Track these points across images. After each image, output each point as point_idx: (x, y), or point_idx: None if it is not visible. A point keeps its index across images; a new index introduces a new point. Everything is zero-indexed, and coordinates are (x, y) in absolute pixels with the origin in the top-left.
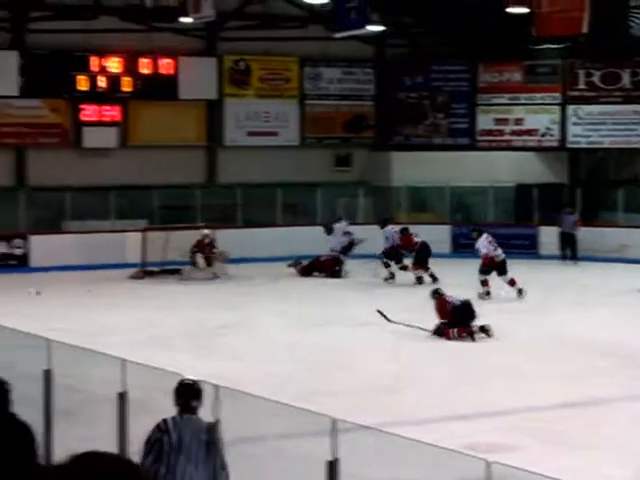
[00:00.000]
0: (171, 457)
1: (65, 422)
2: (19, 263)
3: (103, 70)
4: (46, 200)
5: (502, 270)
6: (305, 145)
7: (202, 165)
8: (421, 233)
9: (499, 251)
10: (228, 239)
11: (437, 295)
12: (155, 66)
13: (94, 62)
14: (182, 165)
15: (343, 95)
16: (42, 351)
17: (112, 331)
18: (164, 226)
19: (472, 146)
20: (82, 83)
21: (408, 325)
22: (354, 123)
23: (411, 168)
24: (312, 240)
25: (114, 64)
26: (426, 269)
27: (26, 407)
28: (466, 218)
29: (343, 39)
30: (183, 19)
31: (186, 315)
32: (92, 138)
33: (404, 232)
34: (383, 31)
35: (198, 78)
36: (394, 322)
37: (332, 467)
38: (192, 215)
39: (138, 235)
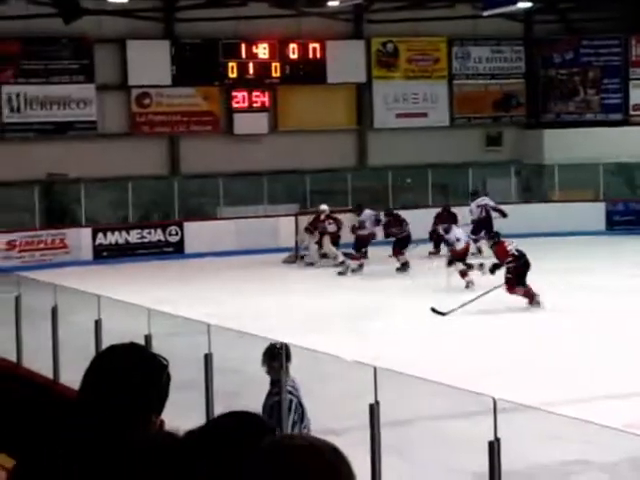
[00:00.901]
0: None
1: (226, 404)
2: (175, 250)
3: (253, 56)
4: (200, 187)
5: None
6: (455, 125)
7: (352, 148)
8: (574, 211)
9: None
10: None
11: (497, 240)
12: (304, 51)
13: (244, 49)
14: (332, 149)
15: (492, 74)
16: (202, 336)
17: (267, 315)
18: (316, 210)
19: (625, 121)
20: (232, 70)
21: (470, 301)
22: (504, 102)
23: (563, 145)
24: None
25: (263, 50)
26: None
27: (188, 391)
28: (621, 194)
29: (491, 17)
30: (331, 3)
31: (339, 298)
32: (244, 124)
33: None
34: (532, 7)
35: (346, 61)
36: (451, 310)
37: (493, 447)
38: (343, 199)
39: (291, 220)
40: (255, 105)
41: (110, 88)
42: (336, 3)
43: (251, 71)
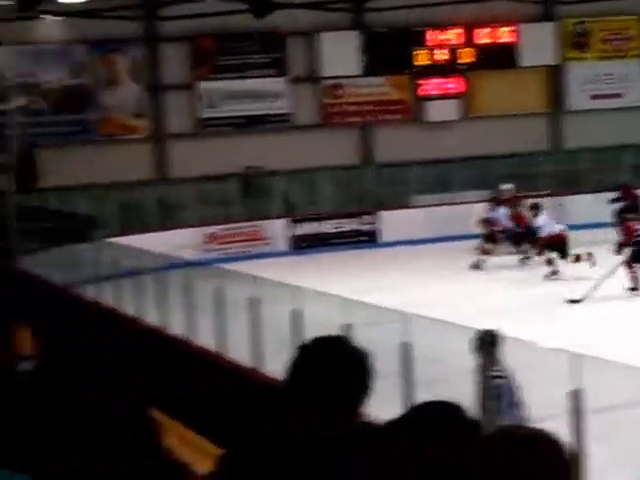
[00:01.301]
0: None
1: (427, 393)
2: (369, 239)
3: (442, 43)
4: (392, 176)
5: None
6: None
7: (544, 132)
8: None
9: None
10: (575, 205)
11: (625, 219)
12: (494, 35)
13: (432, 36)
14: (524, 133)
15: None
16: (397, 325)
17: (460, 303)
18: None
19: None
20: (422, 58)
21: (599, 282)
22: None
23: None
24: None
25: (452, 36)
26: None
27: (386, 380)
28: None
29: None
30: None
31: (528, 286)
32: (434, 112)
33: None
34: None
35: (538, 44)
36: (586, 296)
37: None
38: (536, 183)
39: (483, 206)
40: (446, 92)
41: (302, 80)
42: None
43: (441, 58)
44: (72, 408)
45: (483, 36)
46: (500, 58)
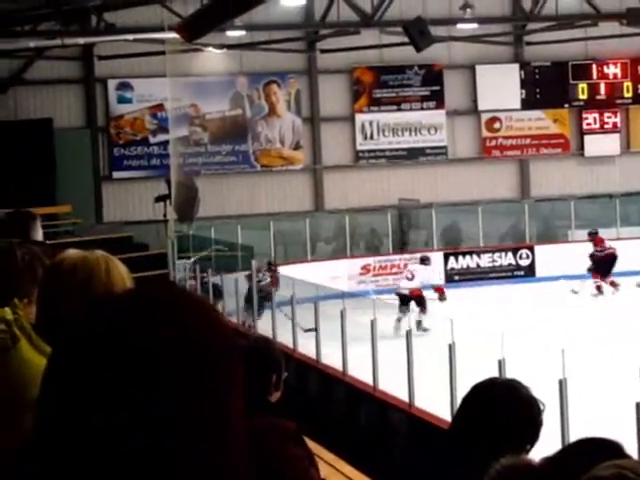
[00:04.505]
0: None
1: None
2: (525, 273)
3: (603, 77)
4: (550, 210)
5: None
6: None
7: None
8: None
9: None
10: None
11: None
12: None
13: (594, 70)
14: None
15: None
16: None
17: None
18: None
19: None
20: (583, 91)
21: None
22: None
23: None
24: None
25: (614, 70)
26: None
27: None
28: None
29: None
30: None
31: None
32: (594, 146)
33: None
34: None
35: None
36: None
37: None
38: None
39: None
40: (606, 126)
41: (460, 113)
42: None
43: (602, 92)
44: None
45: None
46: None
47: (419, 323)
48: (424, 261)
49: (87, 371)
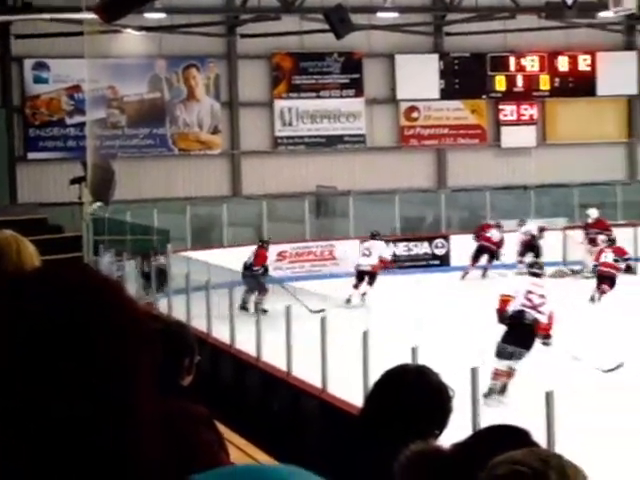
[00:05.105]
0: None
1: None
2: (440, 263)
3: (521, 69)
4: (466, 200)
5: None
6: None
7: (622, 161)
8: None
9: None
10: None
11: None
12: (573, 63)
13: (512, 62)
14: (601, 162)
15: None
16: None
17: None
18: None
19: None
20: (500, 83)
21: None
22: None
23: None
24: None
25: (532, 63)
26: None
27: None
28: None
29: None
30: (602, 14)
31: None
32: (511, 138)
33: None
34: None
35: (617, 73)
36: None
37: None
38: (612, 212)
39: (559, 234)
40: (523, 118)
41: (379, 102)
42: (609, 14)
43: (519, 84)
44: None
45: (563, 64)
46: (579, 86)
47: (364, 295)
48: (375, 236)
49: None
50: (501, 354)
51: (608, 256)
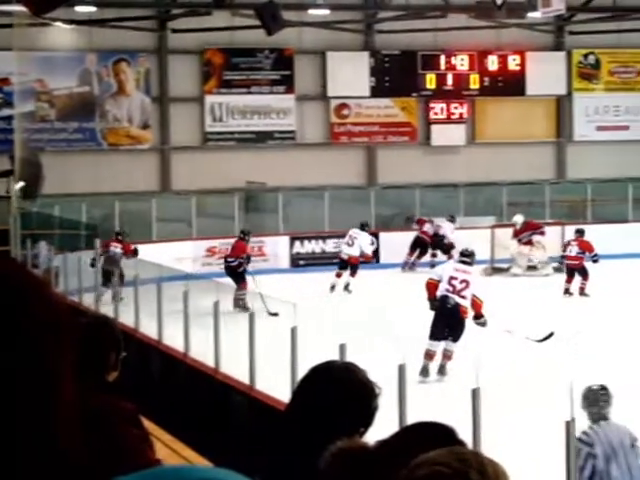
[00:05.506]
0: (602, 468)
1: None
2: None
3: (451, 68)
4: (395, 198)
5: None
6: None
7: (550, 161)
8: None
9: None
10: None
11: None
12: (503, 62)
13: (442, 60)
14: (530, 161)
15: None
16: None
17: None
18: (512, 223)
19: None
20: (431, 81)
21: None
22: None
23: None
24: None
25: (462, 62)
26: None
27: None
28: None
29: None
30: (531, 14)
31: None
32: (441, 136)
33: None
34: None
35: (546, 73)
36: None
37: None
38: (541, 211)
39: (487, 232)
40: (453, 117)
41: (309, 99)
42: (537, 14)
43: (449, 82)
44: None
45: (492, 63)
46: (508, 85)
47: (347, 285)
48: (364, 227)
49: None
50: (432, 336)
51: (573, 249)
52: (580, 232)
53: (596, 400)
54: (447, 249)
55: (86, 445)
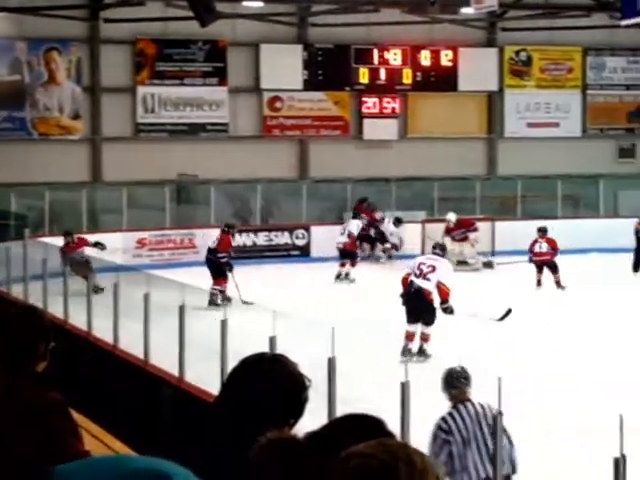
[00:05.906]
0: (460, 452)
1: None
2: (301, 253)
3: (384, 62)
4: (327, 191)
5: None
6: (587, 136)
7: (482, 157)
8: None
9: None
10: (507, 231)
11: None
12: (435, 58)
13: (375, 55)
14: (462, 157)
15: (627, 85)
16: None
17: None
18: (443, 218)
19: None
20: (363, 76)
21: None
22: (639, 113)
23: None
24: (595, 233)
25: (395, 56)
26: None
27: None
28: None
29: (629, 27)
30: (464, 10)
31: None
32: (373, 130)
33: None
34: None
35: (478, 69)
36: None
37: None
38: (471, 207)
39: (417, 226)
40: (385, 111)
41: (242, 91)
42: (470, 10)
43: (382, 77)
44: None
45: (425, 58)
46: (441, 81)
47: (347, 275)
48: (355, 216)
49: None
50: (408, 320)
51: (542, 246)
52: (543, 230)
53: (456, 381)
54: (382, 241)
55: (23, 435)
